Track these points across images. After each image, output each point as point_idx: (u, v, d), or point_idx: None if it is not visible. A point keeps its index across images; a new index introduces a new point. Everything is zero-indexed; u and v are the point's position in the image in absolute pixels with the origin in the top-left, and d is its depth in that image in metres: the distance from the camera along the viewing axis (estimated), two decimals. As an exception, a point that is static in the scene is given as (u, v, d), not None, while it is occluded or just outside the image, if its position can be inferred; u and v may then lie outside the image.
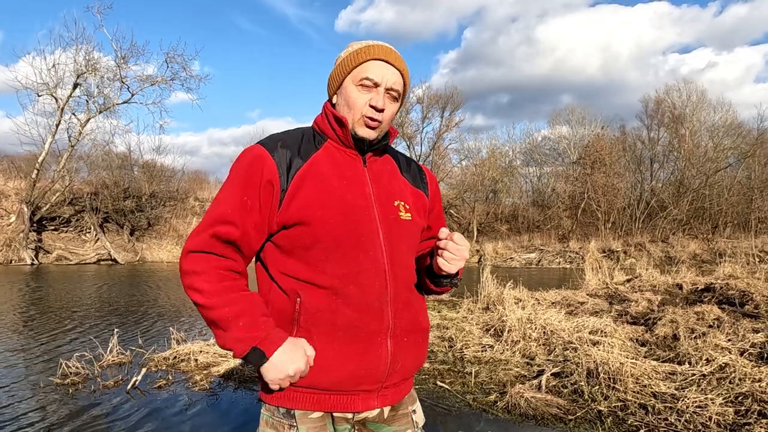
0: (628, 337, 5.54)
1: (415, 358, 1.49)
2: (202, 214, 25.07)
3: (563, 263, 21.77)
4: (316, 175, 1.39)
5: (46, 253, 18.75)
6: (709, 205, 27.34)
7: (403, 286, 1.44)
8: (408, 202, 1.52)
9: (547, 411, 3.84)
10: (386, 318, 1.39)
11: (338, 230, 1.36)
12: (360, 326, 1.35)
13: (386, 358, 1.40)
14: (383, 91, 1.41)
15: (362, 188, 1.43)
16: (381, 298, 1.39)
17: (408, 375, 1.50)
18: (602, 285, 10.00)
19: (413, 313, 1.48)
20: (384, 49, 1.42)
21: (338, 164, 1.43)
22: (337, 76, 1.45)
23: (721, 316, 6.12)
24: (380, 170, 1.51)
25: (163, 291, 12.05)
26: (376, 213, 1.42)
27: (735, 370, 3.98)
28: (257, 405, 4.23)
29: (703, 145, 29.21)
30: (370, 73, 1.40)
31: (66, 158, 19.97)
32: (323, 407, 1.38)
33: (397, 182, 1.54)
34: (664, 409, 3.64)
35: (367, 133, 1.42)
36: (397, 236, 1.44)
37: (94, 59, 20.24)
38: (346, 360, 1.36)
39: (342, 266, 1.36)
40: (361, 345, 1.37)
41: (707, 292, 8.15)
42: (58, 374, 4.82)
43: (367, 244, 1.38)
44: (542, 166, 33.89)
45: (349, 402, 1.40)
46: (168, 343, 5.84)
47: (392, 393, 1.47)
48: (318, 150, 1.44)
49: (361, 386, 1.39)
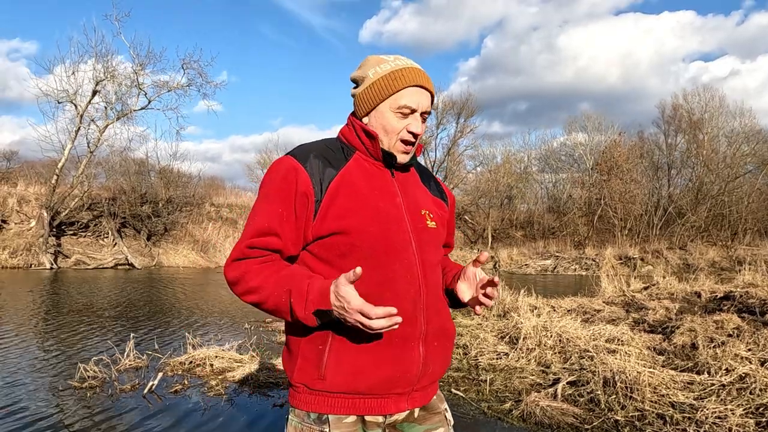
0: (645, 345, 5.47)
1: (443, 362, 1.53)
2: (217, 219, 25.29)
3: (579, 270, 21.57)
4: (349, 185, 1.41)
5: (64, 258, 19.01)
6: (728, 212, 26.93)
7: (434, 293, 1.49)
8: (432, 211, 1.56)
9: (562, 420, 3.81)
10: (419, 324, 1.43)
11: (374, 239, 1.38)
12: (395, 332, 1.34)
13: (419, 362, 1.43)
14: (418, 117, 1.44)
15: (393, 198, 1.46)
16: (415, 304, 1.42)
17: (436, 378, 1.53)
18: (619, 292, 9.89)
19: (442, 318, 1.52)
20: (417, 74, 1.44)
21: (369, 175, 1.46)
22: (370, 98, 1.45)
23: (740, 325, 6.02)
24: (406, 181, 1.54)
25: (179, 296, 12.16)
26: (407, 222, 1.45)
27: (756, 380, 3.91)
28: (273, 410, 4.25)
29: (722, 151, 28.82)
30: (409, 101, 1.42)
31: (85, 164, 20.25)
32: (357, 411, 1.39)
33: (421, 192, 1.58)
34: (682, 420, 3.59)
35: (404, 158, 1.48)
36: (426, 244, 1.48)
37: (112, 66, 20.57)
38: (382, 364, 1.38)
39: (378, 274, 1.37)
40: (395, 350, 1.39)
41: (726, 301, 8.02)
42: (77, 378, 4.88)
43: (401, 252, 1.41)
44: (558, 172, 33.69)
45: (382, 405, 1.42)
46: (184, 348, 5.88)
47: (421, 395, 1.50)
48: (348, 161, 1.46)
49: (395, 390, 1.41)
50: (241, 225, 25.71)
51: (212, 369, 5.24)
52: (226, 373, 5.13)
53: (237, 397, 4.56)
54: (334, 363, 1.36)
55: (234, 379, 4.95)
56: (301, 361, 1.39)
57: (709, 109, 29.73)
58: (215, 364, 5.31)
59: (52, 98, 19.91)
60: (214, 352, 5.56)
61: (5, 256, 17.95)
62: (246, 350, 5.79)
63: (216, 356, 5.47)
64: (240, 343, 6.07)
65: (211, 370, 5.21)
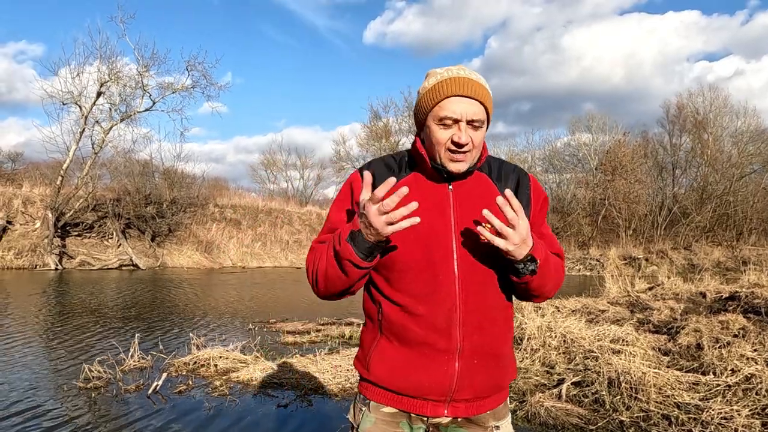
0: (650, 346, 5.45)
1: (488, 378, 1.50)
2: (221, 220, 25.33)
3: (583, 270, 21.54)
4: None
5: (69, 259, 19.07)
6: (733, 212, 26.83)
7: (475, 310, 1.46)
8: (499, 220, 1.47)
9: (567, 420, 3.79)
10: (455, 339, 1.44)
11: (413, 254, 1.44)
12: (429, 343, 1.44)
13: (453, 376, 1.45)
14: (465, 126, 1.42)
15: (443, 213, 1.47)
16: (449, 320, 1.43)
17: (484, 394, 1.51)
18: (623, 293, 9.87)
19: (487, 338, 1.48)
20: (459, 83, 1.42)
21: (422, 190, 1.48)
22: (419, 114, 1.50)
23: (746, 325, 6.00)
24: (469, 192, 1.50)
25: (183, 296, 12.18)
26: (454, 238, 1.45)
27: (762, 381, 3.89)
28: (277, 411, 4.25)
29: (727, 150, 28.72)
30: (448, 112, 1.41)
31: (89, 165, 20.31)
32: (394, 404, 1.50)
33: (489, 201, 1.47)
34: (688, 420, 3.57)
35: (457, 166, 1.45)
36: (474, 261, 1.45)
37: (117, 68, 20.63)
38: (414, 371, 1.46)
39: (415, 287, 1.44)
40: (429, 360, 1.45)
41: (732, 301, 7.99)
42: (81, 378, 4.89)
43: (439, 268, 1.43)
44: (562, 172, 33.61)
45: (420, 406, 1.48)
46: (188, 349, 5.89)
47: (465, 407, 1.50)
48: (406, 176, 1.52)
49: (429, 396, 1.47)
50: (245, 225, 25.77)
51: (216, 369, 5.24)
52: (231, 373, 5.13)
53: (241, 397, 4.56)
54: (377, 360, 1.50)
55: (238, 380, 4.96)
56: (360, 352, 1.59)
57: (713, 109, 29.65)
58: (219, 365, 5.31)
59: (56, 100, 20.01)
60: (218, 352, 5.57)
61: (10, 257, 18.02)
62: (250, 351, 5.80)
63: (220, 357, 5.48)
64: (244, 343, 6.08)
65: (216, 371, 5.21)
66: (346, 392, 4.64)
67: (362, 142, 34.61)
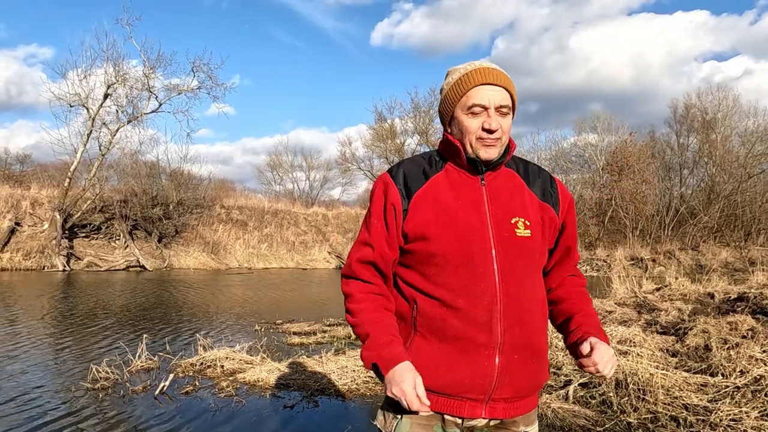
0: (657, 347, 5.42)
1: (528, 376, 1.50)
2: (228, 221, 25.40)
3: (590, 271, 21.44)
4: (433, 195, 1.50)
5: (77, 260, 19.16)
6: (741, 212, 26.63)
7: (515, 303, 1.46)
8: (530, 218, 1.51)
9: (574, 422, 3.78)
10: (495, 333, 1.44)
11: (451, 247, 1.44)
12: (468, 338, 1.43)
13: (493, 372, 1.44)
14: (494, 113, 1.46)
15: (477, 207, 1.49)
16: (490, 313, 1.43)
17: (522, 393, 1.50)
18: (630, 294, 9.81)
19: (527, 331, 1.48)
20: (484, 72, 1.47)
21: (456, 185, 1.52)
22: (446, 109, 1.54)
23: (755, 326, 5.95)
24: (500, 187, 1.53)
25: (190, 297, 12.23)
26: (491, 231, 1.46)
27: (771, 382, 3.86)
28: (283, 412, 4.26)
29: (735, 150, 28.52)
30: (477, 99, 1.45)
31: (97, 167, 20.42)
32: (432, 407, 1.44)
33: (520, 198, 1.54)
34: (696, 422, 3.55)
35: (488, 153, 1.48)
36: (512, 254, 1.47)
37: (123, 70, 20.74)
38: (454, 366, 1.44)
39: (454, 281, 1.44)
40: (469, 355, 1.44)
41: (740, 302, 7.93)
42: (89, 379, 4.92)
43: (478, 261, 1.44)
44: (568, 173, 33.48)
45: (457, 406, 1.46)
46: (195, 349, 5.91)
47: (503, 407, 1.49)
48: (438, 172, 1.54)
49: (468, 394, 1.45)
50: (251, 227, 25.83)
51: (223, 370, 5.25)
52: (237, 374, 5.14)
53: (247, 398, 4.57)
54: (413, 358, 1.44)
55: (244, 381, 4.97)
56: None
57: (722, 109, 29.43)
58: (226, 366, 5.33)
59: (64, 102, 20.15)
60: (224, 353, 5.58)
61: (19, 258, 18.14)
62: (256, 352, 5.80)
63: (227, 358, 5.49)
64: (250, 344, 6.09)
65: (222, 372, 5.23)
66: (353, 393, 4.64)
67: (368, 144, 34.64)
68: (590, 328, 1.51)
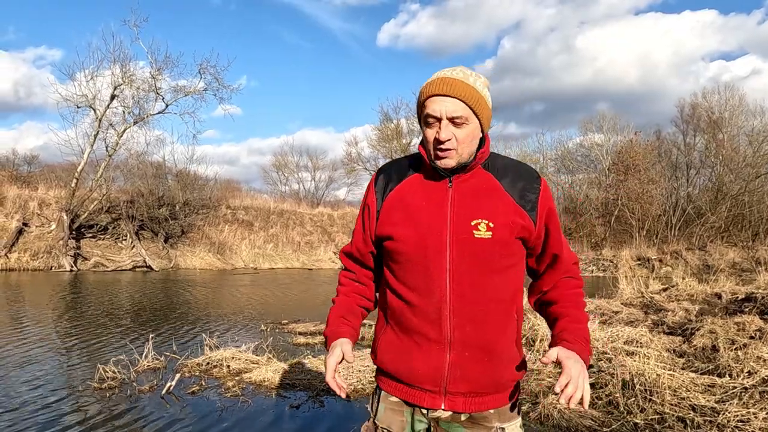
0: (664, 347, 5.40)
1: (483, 374, 1.51)
2: (233, 221, 25.46)
3: (596, 271, 21.38)
4: (402, 196, 1.60)
5: (84, 260, 19.25)
6: (748, 212, 26.47)
7: (469, 302, 1.50)
8: (496, 220, 1.49)
9: (581, 423, 3.77)
10: (445, 330, 1.51)
11: (411, 247, 1.53)
12: (422, 333, 1.53)
13: (444, 366, 1.52)
14: (446, 124, 1.48)
15: (440, 208, 1.54)
16: (439, 311, 1.51)
17: (481, 389, 1.52)
18: (637, 294, 9.78)
19: (480, 330, 1.50)
20: (437, 83, 1.49)
21: (425, 187, 1.58)
22: (418, 119, 1.60)
23: (763, 327, 5.92)
24: (470, 189, 1.55)
25: (196, 298, 12.26)
26: (448, 232, 1.51)
27: (779, 383, 3.84)
28: (289, 412, 4.27)
29: (742, 150, 28.34)
30: (429, 110, 1.50)
31: (103, 167, 20.51)
32: (399, 395, 1.60)
33: (490, 200, 1.52)
34: (703, 423, 3.54)
35: (443, 162, 1.52)
36: (468, 254, 1.49)
37: (130, 71, 20.82)
38: (411, 357, 1.55)
39: (412, 279, 1.54)
40: (423, 348, 1.54)
41: (748, 302, 7.88)
42: (96, 378, 4.94)
43: (431, 260, 1.51)
44: (574, 173, 33.37)
45: (418, 396, 1.56)
46: (201, 349, 5.93)
47: (462, 402, 1.54)
48: (414, 173, 1.62)
49: (424, 385, 1.54)
50: (257, 227, 25.89)
51: (229, 370, 5.27)
52: (243, 374, 5.16)
53: (254, 398, 4.58)
54: (383, 346, 1.62)
55: (251, 381, 4.98)
56: (373, 342, 1.71)
57: (729, 108, 29.27)
58: (232, 366, 5.34)
59: (71, 103, 20.23)
60: (231, 353, 5.60)
61: (27, 259, 18.24)
62: (263, 352, 5.82)
63: (233, 357, 5.50)
64: (257, 344, 6.10)
65: (228, 372, 5.24)
66: (358, 393, 4.64)
67: (373, 144, 34.67)
68: (569, 334, 1.48)
